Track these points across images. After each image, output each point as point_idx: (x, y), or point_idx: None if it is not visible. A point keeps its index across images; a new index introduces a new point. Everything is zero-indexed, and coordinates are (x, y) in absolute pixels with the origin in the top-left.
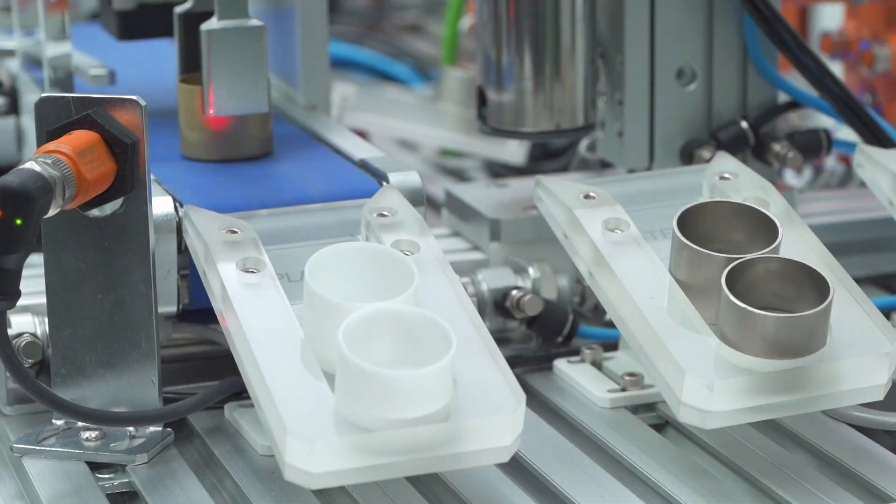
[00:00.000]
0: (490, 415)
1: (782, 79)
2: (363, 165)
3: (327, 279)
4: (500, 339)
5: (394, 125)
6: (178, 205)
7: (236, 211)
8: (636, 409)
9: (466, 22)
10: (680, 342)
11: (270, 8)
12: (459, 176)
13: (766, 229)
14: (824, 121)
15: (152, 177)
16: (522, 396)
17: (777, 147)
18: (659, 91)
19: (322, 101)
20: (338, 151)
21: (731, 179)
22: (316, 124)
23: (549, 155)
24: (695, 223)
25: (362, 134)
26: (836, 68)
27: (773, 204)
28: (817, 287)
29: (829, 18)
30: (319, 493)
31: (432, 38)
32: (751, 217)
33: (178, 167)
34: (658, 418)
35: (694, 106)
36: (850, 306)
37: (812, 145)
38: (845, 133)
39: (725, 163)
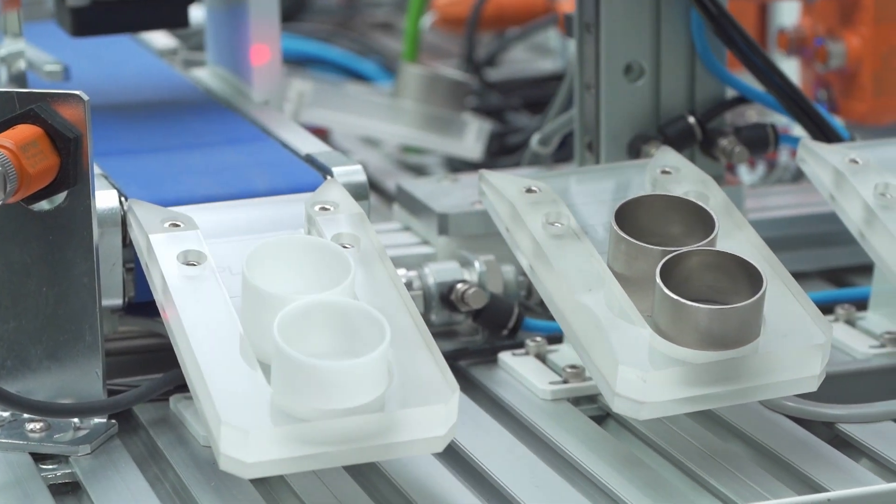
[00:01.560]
0: (424, 405)
1: (730, 74)
2: (309, 160)
3: (266, 272)
4: (448, 332)
5: (351, 121)
6: (123, 198)
7: (182, 204)
8: (577, 400)
9: (428, 19)
10: (615, 334)
11: (223, 4)
12: (420, 172)
13: (702, 222)
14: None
15: (100, 171)
16: (456, 387)
17: (724, 142)
18: (607, 86)
19: (274, 97)
20: (286, 146)
21: (672, 173)
22: (267, 119)
23: (507, 150)
24: (633, 216)
25: (323, 131)
26: (793, 65)
27: (712, 198)
28: (751, 279)
29: (788, 15)
30: (258, 482)
31: (403, 35)
32: (688, 210)
33: (128, 161)
34: (599, 410)
35: (642, 101)
36: (785, 298)
37: (758, 140)
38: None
39: (668, 157)
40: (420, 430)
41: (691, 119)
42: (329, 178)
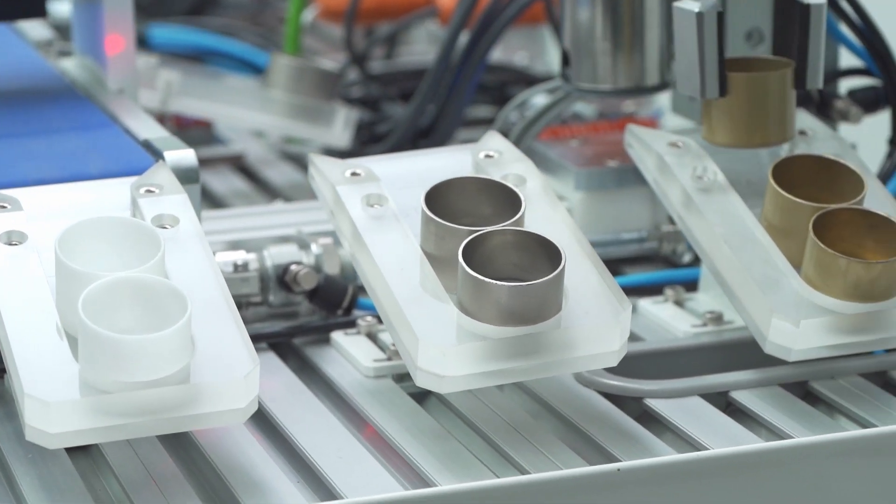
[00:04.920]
0: (224, 378)
1: (844, 35)
2: (146, 145)
3: (82, 250)
4: (288, 312)
5: (220, 110)
6: None
7: (14, 187)
8: (401, 377)
9: (310, 13)
10: (419, 311)
11: None
12: (299, 162)
13: (511, 203)
14: None
15: None
16: (257, 361)
17: (839, 104)
18: (730, 52)
19: (128, 86)
20: (128, 132)
21: (495, 157)
22: (117, 107)
23: (376, 139)
24: (446, 198)
25: (205, 123)
26: None
27: (530, 181)
28: (551, 257)
29: None
30: (77, 454)
31: (315, 30)
32: (498, 192)
33: None
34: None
35: None
36: (590, 277)
37: (871, 101)
38: None
39: (493, 141)
40: (221, 402)
41: None
42: (160, 161)
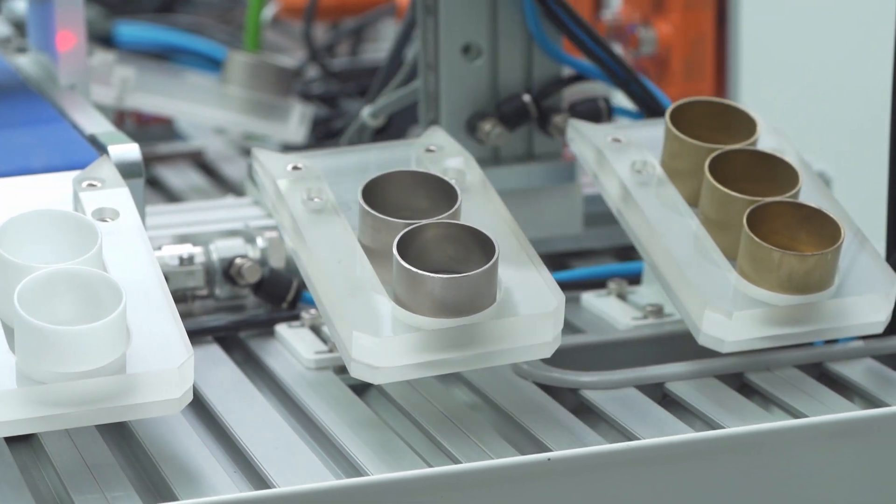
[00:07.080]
0: (159, 368)
1: (563, 53)
2: (92, 140)
3: (22, 243)
4: (235, 306)
5: (177, 107)
6: None
7: None
8: (341, 369)
9: (271, 10)
10: (355, 303)
11: None
12: None
13: (448, 196)
14: None
15: None
16: (191, 351)
17: (558, 119)
18: (446, 66)
19: (80, 82)
20: (76, 127)
21: (435, 151)
22: (67, 103)
23: (332, 134)
24: (384, 192)
25: (166, 121)
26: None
27: (469, 175)
28: (485, 249)
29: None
30: (17, 445)
31: (280, 27)
32: (434, 185)
33: None
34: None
35: (480, 80)
36: (525, 269)
37: (592, 114)
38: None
39: (435, 136)
40: (155, 392)
41: (526, 97)
42: (104, 155)
